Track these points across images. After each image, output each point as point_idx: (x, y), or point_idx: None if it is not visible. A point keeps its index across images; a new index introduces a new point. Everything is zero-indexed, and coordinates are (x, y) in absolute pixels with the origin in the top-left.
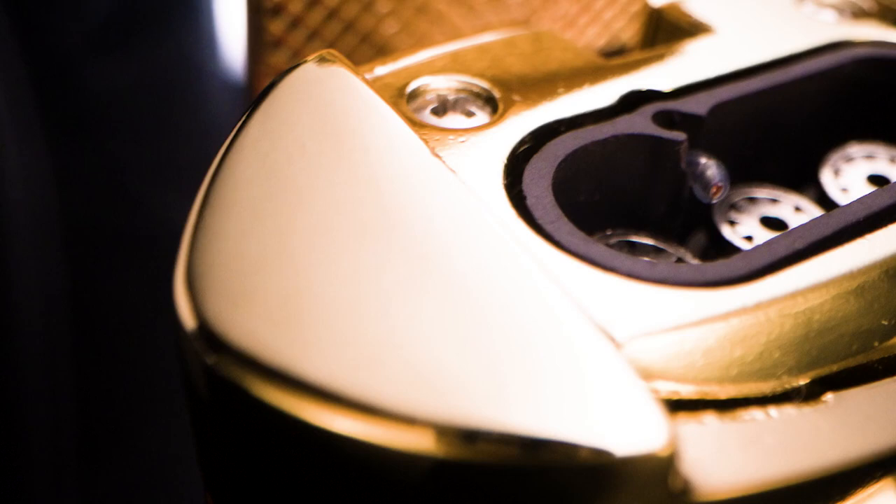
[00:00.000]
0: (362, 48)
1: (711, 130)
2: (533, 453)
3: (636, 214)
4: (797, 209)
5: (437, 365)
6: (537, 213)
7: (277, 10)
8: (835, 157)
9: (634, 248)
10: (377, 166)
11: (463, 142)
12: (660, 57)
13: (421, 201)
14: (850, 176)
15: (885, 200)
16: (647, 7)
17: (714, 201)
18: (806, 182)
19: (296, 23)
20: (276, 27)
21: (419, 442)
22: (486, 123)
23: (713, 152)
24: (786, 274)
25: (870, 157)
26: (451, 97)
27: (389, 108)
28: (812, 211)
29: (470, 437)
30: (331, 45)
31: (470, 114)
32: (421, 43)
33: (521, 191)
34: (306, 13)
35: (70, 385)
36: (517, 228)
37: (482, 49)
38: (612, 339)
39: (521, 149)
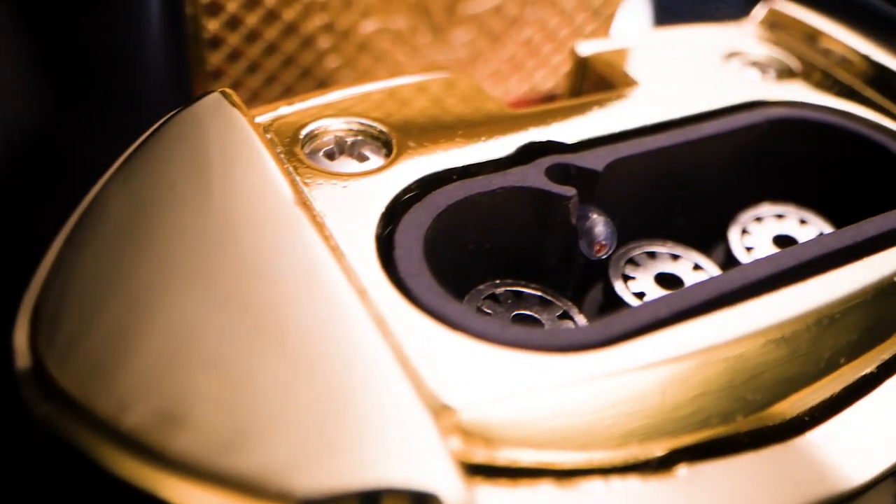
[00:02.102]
0: (305, 81)
1: (611, 185)
2: None
3: (529, 265)
4: (696, 267)
5: (253, 425)
6: (401, 266)
7: (215, 43)
8: (745, 217)
9: (520, 299)
10: (236, 213)
11: (345, 187)
12: (571, 108)
13: (270, 253)
14: (757, 236)
15: (765, 270)
16: (574, 55)
17: (598, 258)
18: (718, 239)
19: (234, 55)
20: (214, 58)
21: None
22: (375, 169)
23: (614, 207)
24: (643, 342)
25: (780, 217)
26: (349, 140)
27: (267, 152)
28: (711, 269)
29: (258, 495)
30: (272, 78)
31: (363, 158)
32: (365, 77)
33: (392, 241)
34: (245, 46)
35: None
36: (377, 281)
37: (390, 93)
38: (446, 404)
39: (406, 197)
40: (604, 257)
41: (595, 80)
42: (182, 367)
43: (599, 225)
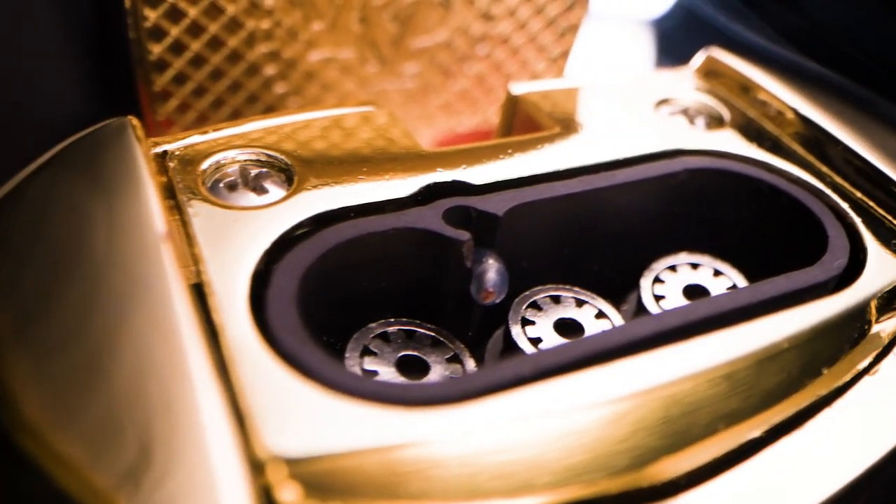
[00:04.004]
0: (253, 106)
1: (514, 229)
2: None
3: (428, 305)
4: (600, 314)
5: (68, 468)
6: (269, 307)
7: (160, 66)
8: (659, 265)
9: (412, 339)
10: (100, 245)
11: (236, 221)
12: (486, 150)
13: (124, 288)
14: (669, 285)
15: (647, 329)
16: (507, 94)
17: (487, 304)
18: (633, 286)
19: (180, 79)
20: (160, 81)
21: None
22: (271, 203)
23: (518, 250)
24: (500, 401)
25: (695, 267)
26: (252, 172)
27: (151, 183)
28: (615, 318)
29: None
30: (219, 101)
31: (263, 191)
32: (315, 103)
33: (269, 279)
34: (191, 71)
35: None
36: (240, 321)
37: (306, 125)
38: (278, 455)
39: (298, 233)
40: (495, 303)
41: (524, 121)
42: (11, 405)
43: (490, 272)
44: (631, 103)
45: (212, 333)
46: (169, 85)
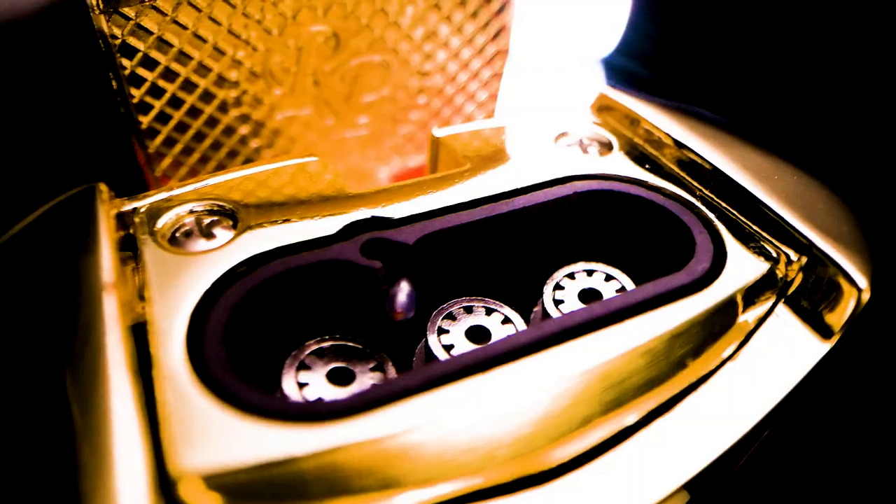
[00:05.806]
0: (234, 159)
1: (426, 255)
2: None
3: (358, 323)
4: (506, 320)
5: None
6: (203, 341)
7: (151, 133)
8: (560, 274)
9: (342, 353)
10: (58, 299)
11: (186, 265)
12: (403, 189)
13: (71, 332)
14: (568, 290)
15: (527, 337)
16: (431, 137)
17: (399, 321)
18: (539, 294)
19: (169, 142)
20: (153, 144)
21: None
22: (217, 247)
23: (432, 272)
24: (389, 411)
25: (590, 274)
26: (205, 221)
27: (108, 242)
28: (518, 322)
29: None
30: (206, 157)
31: (212, 237)
32: (285, 153)
33: (207, 315)
34: (178, 134)
35: None
36: (175, 355)
37: (254, 178)
38: (187, 471)
39: (239, 270)
40: (408, 318)
41: (446, 159)
42: None
43: (400, 295)
44: (534, 138)
45: (148, 366)
46: (160, 147)
